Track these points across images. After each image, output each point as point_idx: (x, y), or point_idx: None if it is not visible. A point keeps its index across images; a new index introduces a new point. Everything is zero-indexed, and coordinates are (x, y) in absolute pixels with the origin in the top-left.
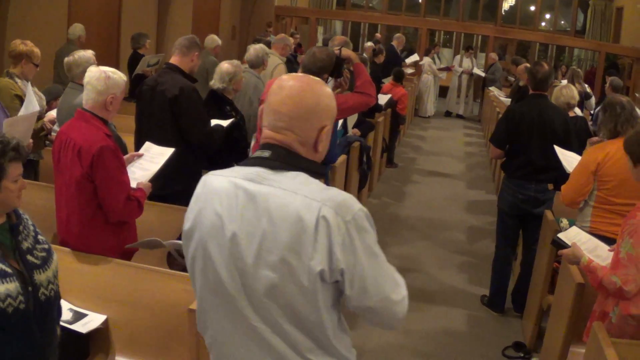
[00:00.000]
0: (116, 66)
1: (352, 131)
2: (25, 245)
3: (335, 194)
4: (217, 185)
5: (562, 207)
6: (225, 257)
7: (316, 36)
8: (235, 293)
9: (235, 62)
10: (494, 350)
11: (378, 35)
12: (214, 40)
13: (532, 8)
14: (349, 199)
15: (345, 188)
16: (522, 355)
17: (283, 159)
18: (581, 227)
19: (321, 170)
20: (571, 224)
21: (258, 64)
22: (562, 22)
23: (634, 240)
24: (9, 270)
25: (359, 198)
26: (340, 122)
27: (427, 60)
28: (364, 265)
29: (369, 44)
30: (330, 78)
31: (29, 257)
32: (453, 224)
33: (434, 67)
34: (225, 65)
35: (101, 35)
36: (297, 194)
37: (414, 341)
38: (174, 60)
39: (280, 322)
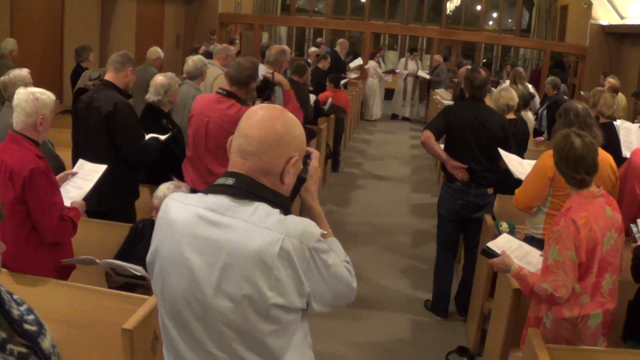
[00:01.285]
0: (60, 79)
1: None
2: (16, 313)
3: (297, 223)
4: (178, 215)
5: (502, 210)
6: (183, 286)
7: (261, 42)
8: (192, 320)
9: (169, 74)
10: (437, 355)
11: (319, 39)
12: (155, 52)
13: (478, 8)
14: (310, 226)
15: None
16: (465, 359)
17: (247, 187)
18: (533, 234)
19: (286, 204)
20: (511, 227)
21: (196, 75)
22: (510, 20)
23: (559, 247)
24: (24, 350)
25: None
26: None
27: (371, 64)
28: (327, 283)
29: (313, 49)
30: (258, 100)
31: (27, 326)
32: (398, 228)
33: (379, 70)
34: (159, 78)
35: (44, 48)
36: (259, 226)
37: (354, 351)
38: (108, 76)
39: (238, 349)
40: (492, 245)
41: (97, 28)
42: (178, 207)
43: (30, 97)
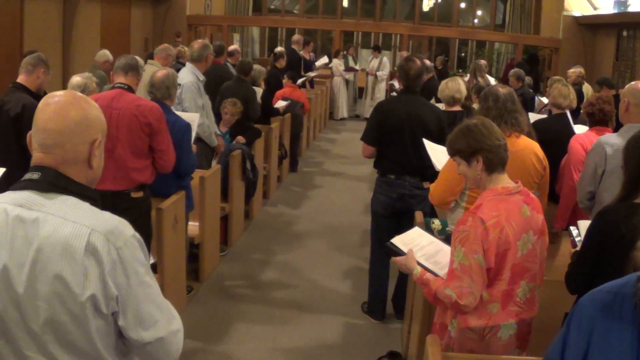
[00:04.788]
0: None
1: (237, 138)
2: None
3: (107, 219)
4: None
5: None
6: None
7: (232, 43)
8: (11, 325)
9: (86, 74)
10: None
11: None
12: (103, 55)
13: (452, 4)
14: (121, 225)
15: (228, 198)
16: None
17: (53, 180)
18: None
19: (93, 195)
20: (443, 224)
21: None
22: (480, 13)
23: (466, 249)
24: None
25: (251, 205)
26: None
27: (335, 62)
28: (137, 294)
29: (278, 49)
30: None
31: None
32: (349, 227)
33: (340, 69)
34: (75, 79)
35: (3, 53)
36: (67, 220)
37: (278, 357)
38: (20, 79)
39: (57, 355)
40: (398, 241)
41: (59, 32)
42: None
43: None
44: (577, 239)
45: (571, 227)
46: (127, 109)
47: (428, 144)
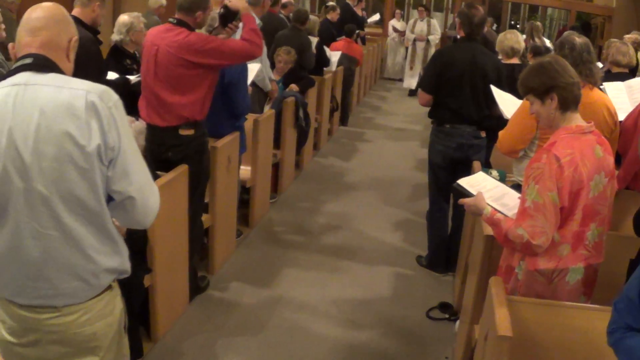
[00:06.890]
0: None
1: (290, 86)
2: None
3: (98, 84)
4: None
5: (498, 159)
6: (1, 158)
7: None
8: (15, 194)
9: (135, 13)
10: (418, 311)
11: None
12: (157, 1)
13: None
14: (109, 90)
15: (280, 144)
16: (447, 316)
17: (44, 62)
18: (519, 182)
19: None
20: (501, 175)
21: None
22: None
23: (540, 187)
24: None
25: (302, 156)
26: (269, 75)
27: (392, 22)
28: (126, 148)
29: (331, 3)
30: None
31: None
32: (399, 181)
33: (390, 29)
34: (122, 17)
35: None
36: (64, 87)
37: (327, 302)
38: (75, 12)
39: (63, 217)
40: (465, 182)
41: None
42: None
43: None
44: None
45: None
46: (165, 45)
47: (497, 92)
